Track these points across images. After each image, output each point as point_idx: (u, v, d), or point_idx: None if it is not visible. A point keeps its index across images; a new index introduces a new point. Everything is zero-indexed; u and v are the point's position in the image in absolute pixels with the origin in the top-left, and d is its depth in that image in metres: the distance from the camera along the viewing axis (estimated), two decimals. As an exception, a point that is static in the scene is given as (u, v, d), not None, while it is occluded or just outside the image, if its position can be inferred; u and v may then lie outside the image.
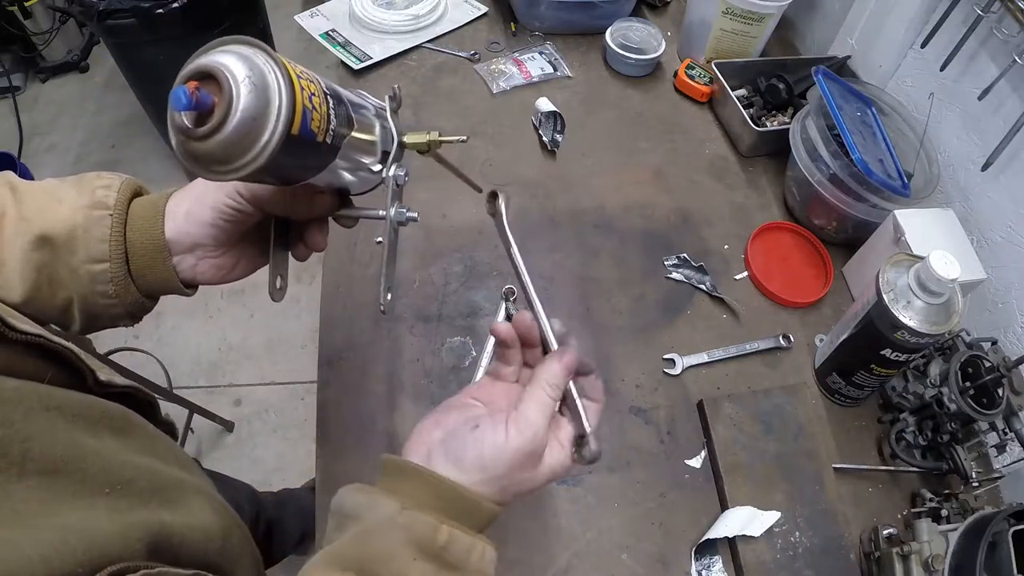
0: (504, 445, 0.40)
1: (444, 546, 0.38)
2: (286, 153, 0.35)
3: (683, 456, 0.73)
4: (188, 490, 0.45)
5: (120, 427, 0.43)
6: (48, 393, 0.38)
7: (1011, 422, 0.66)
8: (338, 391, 0.75)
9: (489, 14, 1.20)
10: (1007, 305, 0.79)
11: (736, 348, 0.81)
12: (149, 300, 0.52)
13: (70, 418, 0.38)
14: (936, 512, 0.66)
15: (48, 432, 0.36)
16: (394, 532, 0.38)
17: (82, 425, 0.39)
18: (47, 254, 0.47)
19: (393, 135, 0.47)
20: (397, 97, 0.48)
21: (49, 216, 0.46)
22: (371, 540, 0.38)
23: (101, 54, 2.57)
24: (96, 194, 0.48)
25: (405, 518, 0.38)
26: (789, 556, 0.65)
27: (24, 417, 0.35)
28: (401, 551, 0.38)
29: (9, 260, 0.46)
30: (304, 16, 1.16)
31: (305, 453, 1.65)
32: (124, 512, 0.37)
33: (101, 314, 0.50)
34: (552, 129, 1.00)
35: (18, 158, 2.06)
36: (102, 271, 0.48)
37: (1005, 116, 0.77)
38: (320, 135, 0.37)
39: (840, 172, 0.81)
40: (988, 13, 0.76)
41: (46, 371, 0.40)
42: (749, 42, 1.06)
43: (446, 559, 0.38)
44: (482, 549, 0.40)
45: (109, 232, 0.47)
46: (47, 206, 0.47)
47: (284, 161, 0.35)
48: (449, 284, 0.84)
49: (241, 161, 0.34)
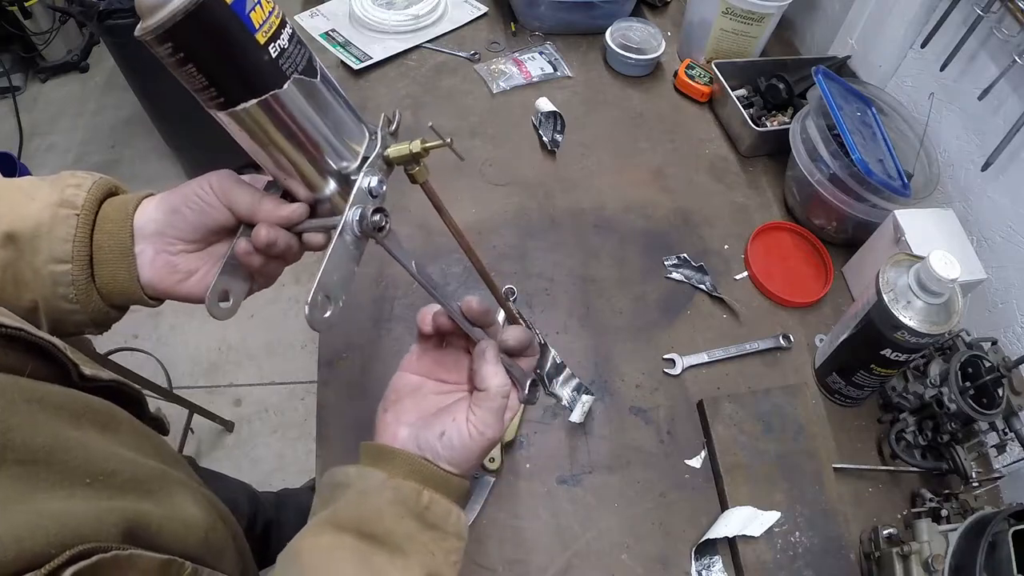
0: (471, 445, 0.45)
1: (427, 506, 0.43)
2: (211, 20, 0.34)
3: (683, 456, 0.73)
4: (171, 483, 0.45)
5: (104, 421, 0.43)
6: (30, 386, 0.38)
7: (1011, 422, 0.66)
8: (338, 391, 0.75)
9: (489, 14, 1.20)
10: (1007, 305, 0.79)
11: (736, 348, 0.81)
12: (114, 310, 0.49)
13: (52, 410, 0.38)
14: (936, 512, 0.66)
15: (30, 423, 0.36)
16: (384, 493, 0.43)
17: (65, 417, 0.39)
18: (11, 252, 0.45)
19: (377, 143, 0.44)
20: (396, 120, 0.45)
21: (18, 213, 0.45)
22: (364, 501, 0.43)
23: (101, 54, 2.57)
24: (65, 192, 0.46)
25: (393, 483, 0.43)
26: (789, 556, 0.65)
27: (5, 408, 0.35)
28: (390, 509, 0.42)
29: None
30: (304, 16, 1.17)
31: (305, 453, 1.65)
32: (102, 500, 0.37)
33: (65, 319, 0.48)
34: (552, 129, 1.00)
35: (18, 158, 2.06)
36: (63, 272, 0.45)
37: (1005, 116, 0.77)
38: (261, 34, 0.36)
39: (840, 172, 0.81)
40: (988, 13, 0.76)
41: (27, 364, 0.40)
42: (749, 42, 1.06)
43: (428, 519, 0.43)
44: (458, 514, 0.45)
45: (74, 232, 0.45)
46: (18, 203, 0.45)
47: (209, 31, 0.35)
48: (449, 284, 0.84)
49: (164, 5, 0.34)
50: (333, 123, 0.41)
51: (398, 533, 0.42)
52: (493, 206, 0.92)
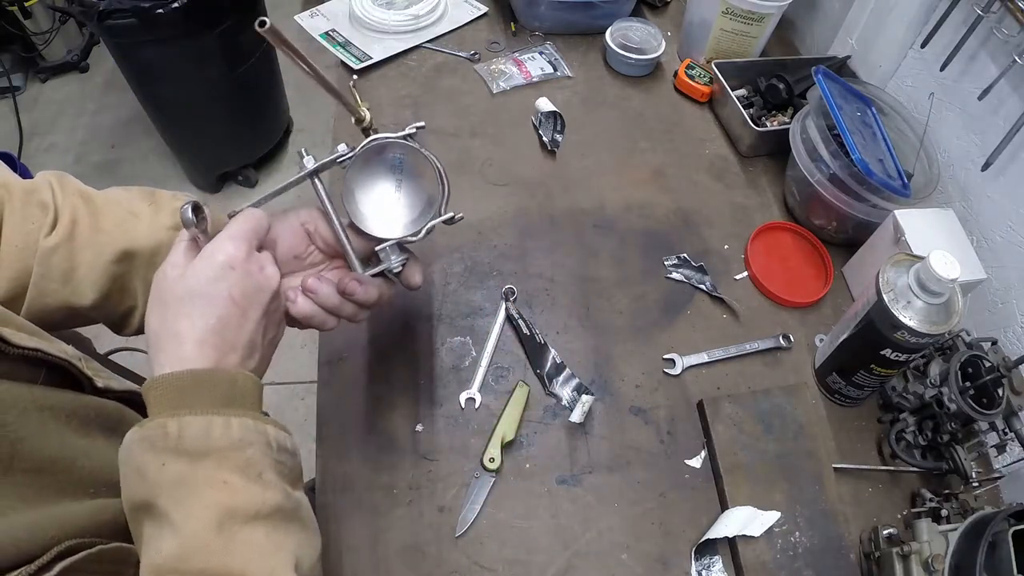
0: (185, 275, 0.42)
1: (179, 436, 0.36)
2: None
3: (683, 456, 0.73)
4: None
5: (113, 426, 0.44)
6: (42, 394, 0.39)
7: (1011, 422, 0.66)
8: (338, 391, 0.75)
9: (489, 14, 1.20)
10: (1007, 305, 0.79)
11: (736, 348, 0.81)
12: None
13: (63, 418, 0.39)
14: (936, 512, 0.66)
15: (40, 432, 0.37)
16: (134, 447, 0.37)
17: (75, 425, 0.40)
18: (125, 266, 0.50)
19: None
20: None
21: (130, 232, 0.51)
22: (124, 474, 0.37)
23: (101, 54, 2.57)
24: (177, 216, 0.51)
25: (139, 431, 0.38)
26: (789, 556, 0.65)
27: (17, 418, 0.36)
28: (148, 461, 0.36)
29: (81, 266, 0.48)
30: (304, 16, 1.17)
31: (305, 453, 1.63)
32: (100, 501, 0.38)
33: None
34: (552, 129, 1.00)
35: (18, 158, 2.06)
36: None
37: (1005, 116, 0.77)
38: None
39: (840, 172, 0.81)
40: (988, 13, 0.76)
41: (40, 372, 0.41)
42: (749, 42, 1.06)
43: (186, 448, 0.36)
44: (223, 423, 0.38)
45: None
46: (124, 220, 0.51)
47: None
48: (449, 284, 0.84)
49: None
50: None
51: (165, 483, 0.36)
52: (493, 206, 0.92)
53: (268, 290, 0.46)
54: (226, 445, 0.37)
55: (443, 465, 0.70)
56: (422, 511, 0.67)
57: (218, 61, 1.79)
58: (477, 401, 0.74)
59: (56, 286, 0.48)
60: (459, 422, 0.73)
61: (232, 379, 0.41)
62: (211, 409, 0.38)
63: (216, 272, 0.42)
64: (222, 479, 0.36)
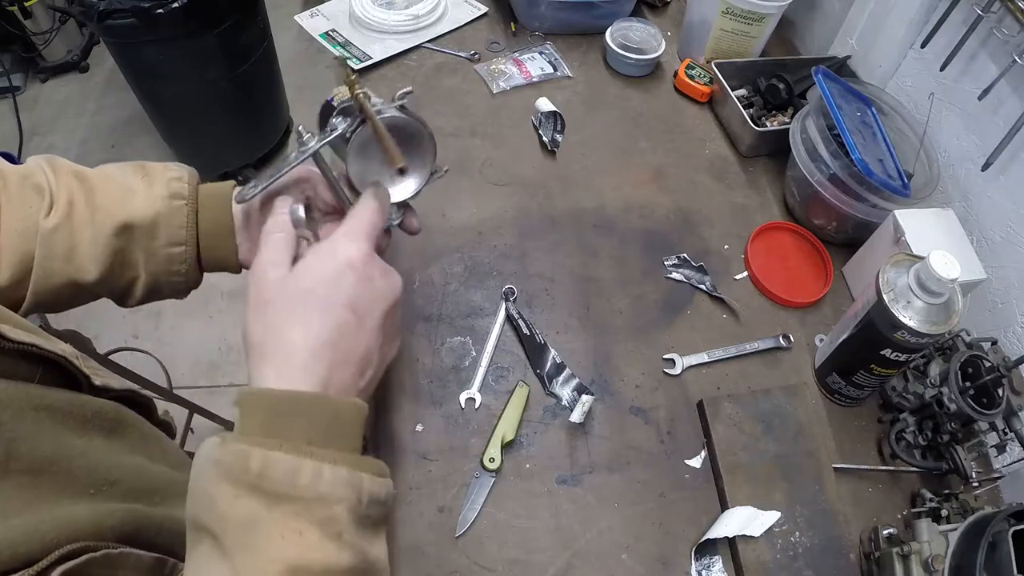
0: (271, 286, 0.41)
1: (260, 473, 0.32)
2: None
3: (683, 456, 0.73)
4: (177, 486, 0.45)
5: (111, 427, 0.43)
6: (39, 393, 0.38)
7: (1011, 422, 0.66)
8: (338, 391, 0.75)
9: (489, 14, 1.20)
10: (1007, 305, 0.79)
11: (736, 348, 0.81)
12: (201, 276, 0.58)
13: (60, 418, 0.39)
14: (936, 512, 0.66)
15: (35, 432, 0.36)
16: (208, 470, 0.33)
17: (72, 425, 0.39)
18: (125, 239, 0.51)
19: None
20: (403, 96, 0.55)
21: (129, 206, 0.51)
22: (192, 489, 0.34)
23: (101, 54, 2.57)
24: (172, 186, 0.53)
25: (221, 451, 0.33)
26: (789, 556, 0.65)
27: (13, 417, 0.35)
28: (222, 491, 0.32)
29: (82, 244, 0.50)
30: (304, 16, 1.17)
31: (305, 453, 1.65)
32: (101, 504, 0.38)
33: (162, 290, 0.55)
34: (552, 129, 1.00)
35: (18, 158, 2.06)
36: (179, 253, 0.53)
37: (1005, 116, 0.77)
38: None
39: (840, 172, 0.81)
40: (988, 13, 0.76)
41: (37, 371, 0.41)
42: (749, 42, 1.06)
43: (265, 489, 0.32)
44: (313, 470, 0.33)
45: (186, 219, 0.53)
46: (123, 196, 0.51)
47: None
48: (449, 284, 0.84)
49: None
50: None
51: (234, 519, 0.32)
52: (493, 206, 0.92)
53: (390, 298, 0.43)
54: (311, 496, 0.33)
55: (443, 465, 0.70)
56: (422, 511, 0.67)
57: (218, 61, 1.79)
58: (477, 401, 0.74)
59: (60, 265, 0.49)
60: (459, 422, 0.73)
61: (336, 411, 0.37)
62: (304, 448, 0.34)
63: (335, 275, 0.39)
64: (298, 528, 0.32)
